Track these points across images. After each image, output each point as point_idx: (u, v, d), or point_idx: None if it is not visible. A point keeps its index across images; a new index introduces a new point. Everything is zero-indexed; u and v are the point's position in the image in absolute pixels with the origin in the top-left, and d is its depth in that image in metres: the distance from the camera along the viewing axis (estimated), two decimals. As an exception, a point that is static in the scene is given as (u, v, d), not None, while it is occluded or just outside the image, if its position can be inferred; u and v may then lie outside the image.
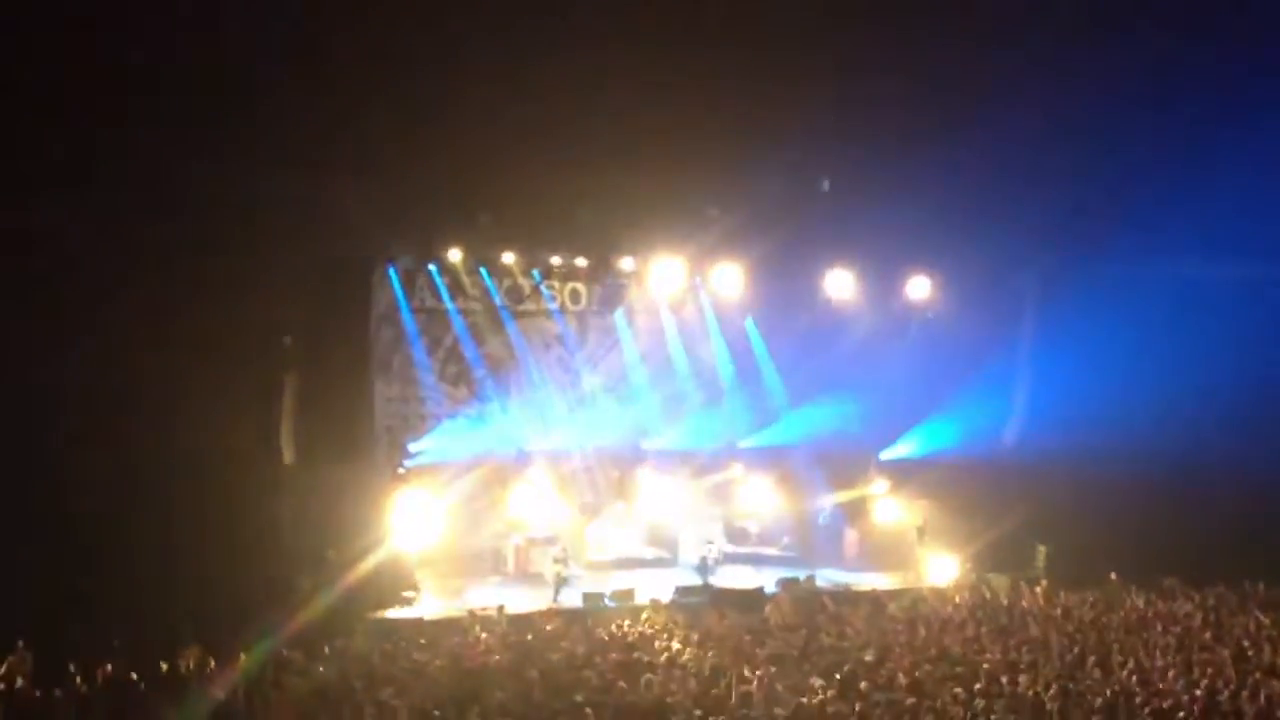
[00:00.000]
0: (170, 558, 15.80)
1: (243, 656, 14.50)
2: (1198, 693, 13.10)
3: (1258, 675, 13.87)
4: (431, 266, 23.32)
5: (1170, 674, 14.08)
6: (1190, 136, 21.56)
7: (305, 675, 14.25)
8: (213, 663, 14.45)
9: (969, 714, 12.44)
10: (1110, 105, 21.38)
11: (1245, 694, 13.03)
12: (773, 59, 19.73)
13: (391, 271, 22.73)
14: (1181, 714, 12.35)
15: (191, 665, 14.61)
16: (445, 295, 23.82)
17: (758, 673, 14.02)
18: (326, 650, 15.46)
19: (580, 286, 25.31)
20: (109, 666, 13.63)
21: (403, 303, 23.40)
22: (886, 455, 25.03)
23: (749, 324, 25.73)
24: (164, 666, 14.17)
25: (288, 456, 19.04)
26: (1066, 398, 22.11)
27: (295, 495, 18.72)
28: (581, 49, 18.23)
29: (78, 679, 13.20)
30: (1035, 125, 21.08)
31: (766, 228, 21.75)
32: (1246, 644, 15.64)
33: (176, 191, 16.92)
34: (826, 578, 21.98)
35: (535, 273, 24.15)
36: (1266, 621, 16.96)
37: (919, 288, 24.33)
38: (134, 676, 13.39)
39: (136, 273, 16.90)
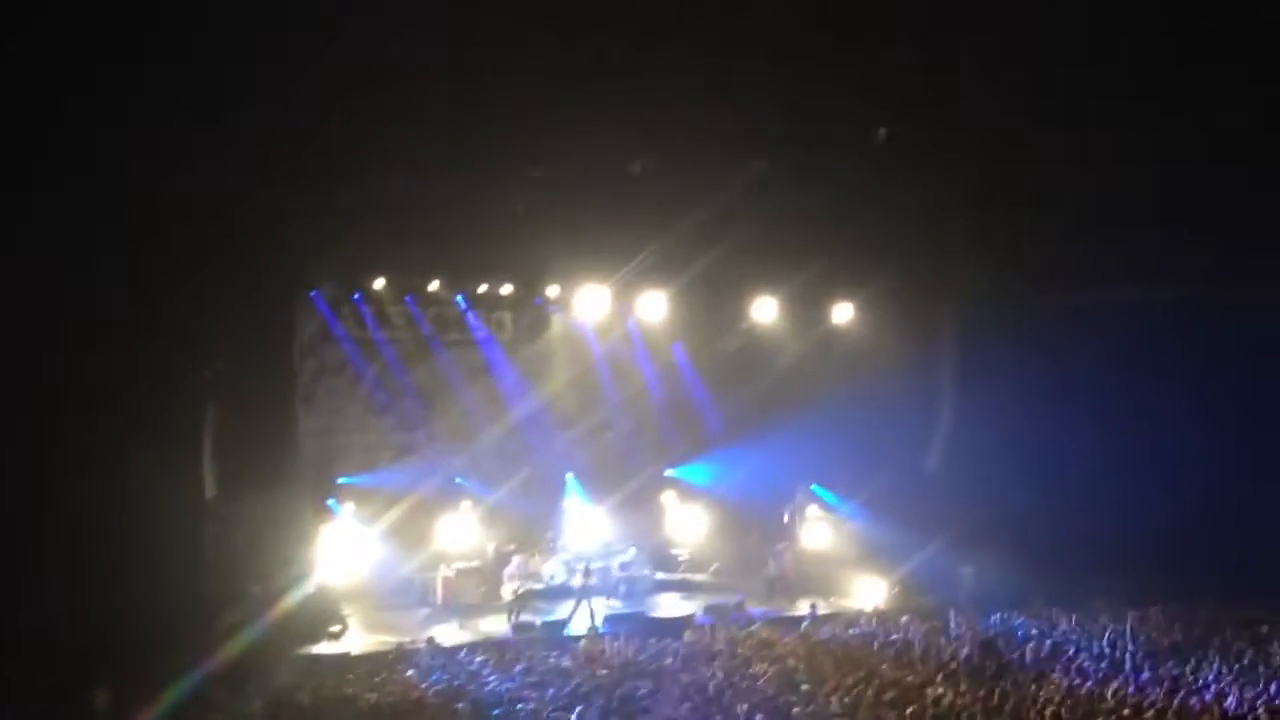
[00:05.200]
0: (89, 592, 15.35)
1: (164, 694, 14.15)
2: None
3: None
4: (355, 295, 23.10)
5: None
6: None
7: (230, 713, 13.95)
8: (132, 700, 14.07)
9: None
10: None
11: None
12: (698, 93, 19.81)
13: (316, 299, 22.46)
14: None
15: (107, 704, 14.20)
16: (370, 324, 23.62)
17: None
18: (251, 687, 15.13)
19: (506, 315, 25.24)
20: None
21: (328, 332, 23.16)
22: (815, 485, 25.23)
23: (676, 350, 25.84)
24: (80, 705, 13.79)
25: (210, 489, 18.63)
26: (987, 421, 22.43)
27: (218, 529, 18.32)
28: (508, 78, 18.20)
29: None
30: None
31: (692, 256, 21.94)
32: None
33: (98, 220, 16.52)
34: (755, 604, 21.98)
35: (459, 298, 24.00)
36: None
37: (842, 313, 24.66)
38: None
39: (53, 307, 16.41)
